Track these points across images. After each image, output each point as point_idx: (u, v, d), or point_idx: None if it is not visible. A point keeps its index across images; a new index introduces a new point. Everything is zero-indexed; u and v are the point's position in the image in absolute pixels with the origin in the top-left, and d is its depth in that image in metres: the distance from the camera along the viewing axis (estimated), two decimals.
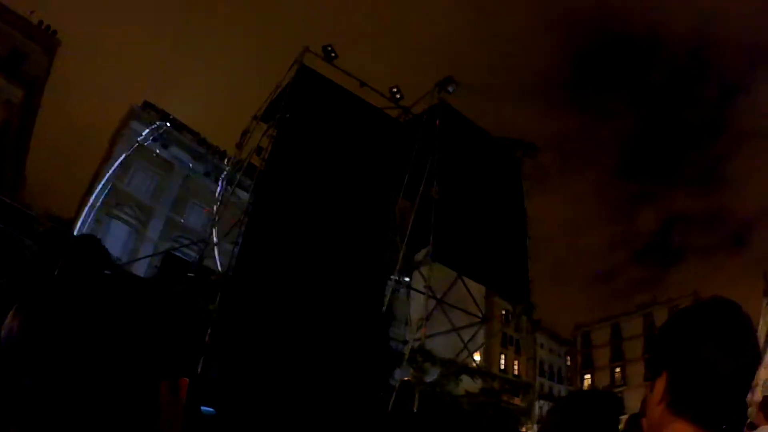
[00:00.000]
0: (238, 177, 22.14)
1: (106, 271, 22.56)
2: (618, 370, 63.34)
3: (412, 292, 22.86)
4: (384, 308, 20.53)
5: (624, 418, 4.08)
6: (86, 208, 39.61)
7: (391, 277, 21.23)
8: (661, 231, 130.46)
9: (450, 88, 22.76)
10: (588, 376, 64.59)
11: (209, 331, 19.95)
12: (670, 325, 1.52)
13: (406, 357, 21.06)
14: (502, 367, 55.26)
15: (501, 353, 56.03)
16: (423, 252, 21.20)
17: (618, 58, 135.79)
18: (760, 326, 35.77)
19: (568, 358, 66.71)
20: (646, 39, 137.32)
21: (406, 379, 22.84)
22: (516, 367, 56.23)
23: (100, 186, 40.54)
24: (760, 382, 23.58)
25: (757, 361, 1.42)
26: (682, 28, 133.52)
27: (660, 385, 1.45)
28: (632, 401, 54.28)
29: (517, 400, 26.50)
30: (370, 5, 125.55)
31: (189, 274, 22.25)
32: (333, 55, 21.76)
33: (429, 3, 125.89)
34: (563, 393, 64.38)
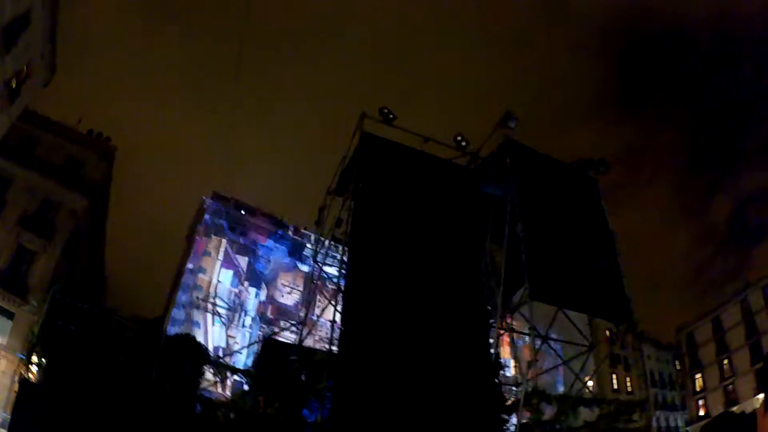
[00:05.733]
0: (325, 253, 22.40)
1: (205, 367, 22.93)
2: (726, 362, 60.93)
3: (515, 333, 22.47)
4: (493, 357, 20.24)
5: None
6: (174, 306, 40.58)
7: (493, 322, 20.96)
8: (737, 214, 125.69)
9: (511, 124, 22.63)
10: (698, 375, 62.18)
11: (322, 409, 20.11)
12: None
13: (522, 401, 20.66)
14: (615, 386, 54.11)
15: (611, 373, 54.93)
16: (520, 292, 20.83)
17: (653, 60, 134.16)
18: None
19: (677, 362, 64.61)
20: (673, 36, 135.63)
21: (524, 422, 22.36)
22: (628, 383, 55.10)
23: (184, 282, 41.53)
24: None
25: None
26: (703, 15, 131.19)
27: None
28: (743, 390, 51.82)
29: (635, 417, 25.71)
30: (417, 60, 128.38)
31: (291, 357, 22.57)
32: (391, 116, 21.99)
33: (472, 48, 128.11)
34: (677, 400, 62.18)
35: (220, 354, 32.51)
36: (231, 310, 42.74)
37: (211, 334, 39.73)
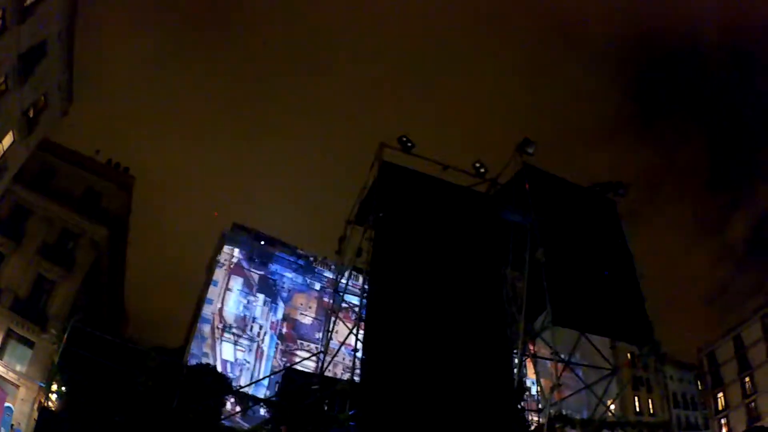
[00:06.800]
0: (345, 283, 22.40)
1: (225, 397, 22.92)
2: (747, 379, 59.97)
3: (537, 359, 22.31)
4: (515, 384, 20.08)
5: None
6: (195, 336, 40.48)
7: (515, 349, 20.85)
8: (756, 231, 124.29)
9: (530, 150, 22.67)
10: (720, 394, 61.23)
11: None
12: None
13: (546, 426, 20.47)
14: (638, 409, 53.69)
15: (634, 395, 54.61)
16: (541, 318, 20.74)
17: (668, 79, 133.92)
18: None
19: (698, 382, 63.80)
20: (687, 54, 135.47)
21: None
22: (650, 405, 54.65)
23: (205, 312, 41.46)
24: None
25: None
26: (716, 31, 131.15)
27: None
28: (766, 406, 50.96)
29: None
30: (433, 85, 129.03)
31: (313, 387, 22.47)
32: (410, 144, 22.08)
33: (488, 72, 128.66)
34: (699, 420, 61.32)
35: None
36: (251, 339, 42.60)
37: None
